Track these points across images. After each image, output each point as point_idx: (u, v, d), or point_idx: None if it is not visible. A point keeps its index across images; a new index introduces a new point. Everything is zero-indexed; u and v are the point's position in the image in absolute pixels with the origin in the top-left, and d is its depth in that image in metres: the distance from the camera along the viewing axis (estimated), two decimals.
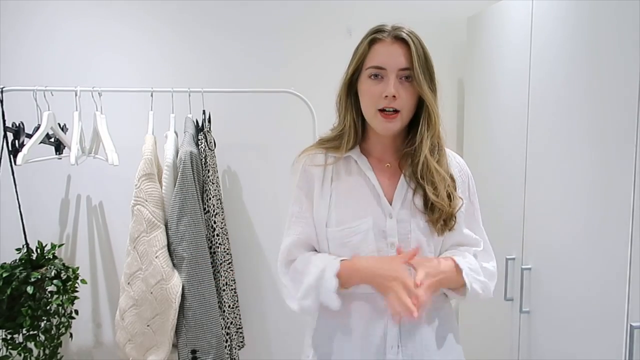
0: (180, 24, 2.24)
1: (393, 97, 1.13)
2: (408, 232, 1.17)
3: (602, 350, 1.41)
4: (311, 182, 1.24)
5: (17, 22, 2.10)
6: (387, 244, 1.17)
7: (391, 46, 1.15)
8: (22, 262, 1.90)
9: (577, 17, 1.54)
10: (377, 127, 1.18)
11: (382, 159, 1.24)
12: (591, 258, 1.47)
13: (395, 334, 1.16)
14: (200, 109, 2.00)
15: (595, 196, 1.45)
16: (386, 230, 1.17)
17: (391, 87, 1.12)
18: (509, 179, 1.92)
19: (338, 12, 2.30)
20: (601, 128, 1.43)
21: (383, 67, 1.14)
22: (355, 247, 1.17)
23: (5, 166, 1.83)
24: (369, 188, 1.20)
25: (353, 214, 1.18)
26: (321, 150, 1.26)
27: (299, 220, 1.24)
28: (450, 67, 2.46)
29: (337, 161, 1.23)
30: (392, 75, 1.14)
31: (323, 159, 1.25)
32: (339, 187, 1.22)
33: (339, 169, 1.23)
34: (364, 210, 1.18)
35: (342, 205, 1.20)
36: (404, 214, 1.18)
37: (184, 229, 1.81)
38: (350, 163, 1.23)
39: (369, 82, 1.16)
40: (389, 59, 1.14)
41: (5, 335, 1.86)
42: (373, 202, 1.18)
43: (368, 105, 1.17)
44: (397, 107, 1.14)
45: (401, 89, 1.14)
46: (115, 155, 1.86)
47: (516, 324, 1.87)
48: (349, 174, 1.22)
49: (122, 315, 1.88)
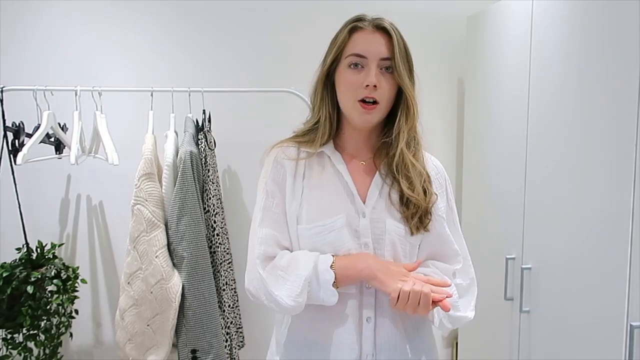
0: (180, 23, 2.23)
1: (374, 87, 1.09)
2: (382, 233, 1.12)
3: (602, 349, 1.41)
4: (283, 175, 1.17)
5: (18, 23, 2.10)
6: (360, 244, 1.12)
7: (372, 35, 1.11)
8: (22, 262, 1.90)
9: (576, 16, 1.54)
10: (355, 119, 1.13)
11: (356, 156, 1.19)
12: (591, 258, 1.47)
13: (370, 344, 1.11)
14: (200, 109, 2.00)
15: (596, 196, 1.45)
16: (359, 230, 1.12)
17: (372, 76, 1.08)
18: (509, 178, 1.92)
19: (338, 11, 2.28)
20: (601, 127, 1.43)
21: (364, 56, 1.10)
22: (328, 245, 1.11)
23: (5, 166, 1.83)
24: (342, 185, 1.14)
25: (325, 212, 1.12)
26: (294, 144, 1.20)
27: (271, 214, 1.16)
28: (450, 66, 2.45)
29: (310, 156, 1.17)
30: (372, 64, 1.09)
31: (295, 152, 1.19)
32: (311, 183, 1.15)
33: (311, 165, 1.17)
34: (337, 208, 1.12)
35: (313, 202, 1.14)
36: (378, 212, 1.13)
37: (184, 228, 1.81)
38: (323, 159, 1.18)
39: (349, 72, 1.11)
40: (370, 47, 1.10)
41: (5, 335, 1.86)
42: (346, 200, 1.13)
43: (347, 96, 1.12)
44: (377, 97, 1.10)
45: (382, 80, 1.10)
46: (115, 154, 1.86)
47: (516, 324, 1.87)
48: (322, 170, 1.17)
49: (122, 314, 1.88)
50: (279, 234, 1.15)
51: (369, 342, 1.11)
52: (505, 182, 1.94)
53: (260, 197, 1.20)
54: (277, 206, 1.16)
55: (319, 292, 1.07)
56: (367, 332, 1.11)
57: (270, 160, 1.21)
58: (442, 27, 2.40)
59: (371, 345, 1.11)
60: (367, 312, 1.12)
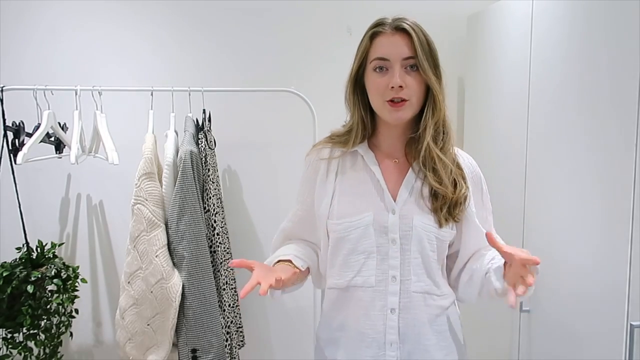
0: (180, 23, 2.23)
1: (400, 88, 1.12)
2: (410, 229, 1.16)
3: (602, 349, 1.41)
4: (315, 175, 1.26)
5: (18, 23, 2.10)
6: (388, 239, 1.17)
7: (392, 37, 1.14)
8: (22, 261, 1.90)
9: (576, 15, 1.54)
10: (386, 117, 1.17)
11: (390, 154, 1.24)
12: (591, 257, 1.47)
13: (394, 331, 1.17)
14: (201, 108, 2.00)
15: (596, 195, 1.45)
16: (388, 226, 1.17)
17: (397, 77, 1.12)
18: (509, 177, 1.92)
19: (338, 11, 2.30)
20: (601, 127, 1.43)
21: (386, 58, 1.14)
22: (355, 241, 1.18)
23: (5, 165, 1.83)
24: (373, 183, 1.20)
25: (354, 209, 1.18)
26: (329, 144, 1.27)
27: (297, 212, 1.31)
28: (450, 65, 2.42)
29: (343, 155, 1.24)
30: (396, 65, 1.13)
31: (329, 152, 1.26)
32: (343, 181, 1.22)
33: (344, 163, 1.24)
34: (366, 205, 1.18)
35: (344, 199, 1.20)
36: (407, 209, 1.17)
37: (184, 228, 1.81)
38: (356, 158, 1.24)
39: (374, 75, 1.15)
40: (391, 49, 1.13)
41: (6, 335, 1.86)
42: (376, 197, 1.18)
43: (375, 98, 1.17)
44: (404, 96, 1.13)
45: (408, 78, 1.13)
46: (116, 154, 1.86)
47: (516, 323, 1.87)
48: (354, 169, 1.23)
49: (122, 314, 1.88)
50: (299, 230, 1.31)
51: (392, 332, 1.17)
52: (505, 182, 1.94)
53: (297, 194, 1.33)
54: (304, 204, 1.29)
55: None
56: (391, 322, 1.17)
57: (307, 161, 1.31)
58: (442, 27, 2.39)
59: (395, 335, 1.17)
60: (391, 303, 1.17)
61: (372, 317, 1.18)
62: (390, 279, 1.17)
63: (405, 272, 1.17)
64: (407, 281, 1.17)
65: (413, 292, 1.17)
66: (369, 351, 1.18)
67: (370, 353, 1.18)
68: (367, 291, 1.18)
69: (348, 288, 1.20)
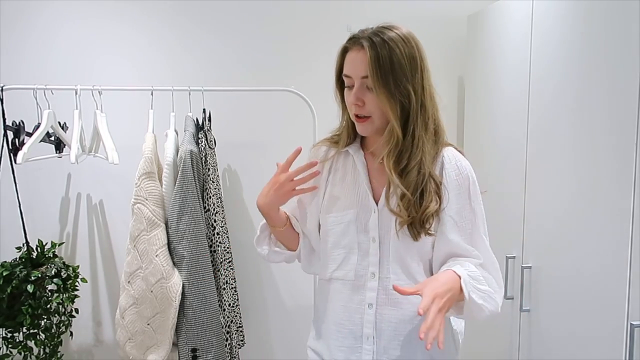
0: (180, 23, 2.23)
1: (358, 105, 1.15)
2: (389, 229, 1.18)
3: (603, 348, 1.42)
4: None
5: (18, 22, 2.10)
6: (369, 237, 1.21)
7: (357, 54, 1.14)
8: (23, 261, 1.90)
9: (577, 15, 1.54)
10: (357, 129, 1.22)
11: (377, 155, 1.23)
12: (591, 257, 1.47)
13: (371, 325, 1.19)
14: (201, 108, 2.00)
15: (596, 194, 1.45)
16: (369, 225, 1.21)
17: (352, 96, 1.15)
18: (509, 177, 1.92)
19: (338, 10, 2.30)
20: (601, 126, 1.43)
21: (349, 76, 1.16)
22: (337, 235, 1.24)
23: (5, 165, 1.83)
24: (360, 182, 1.24)
25: (340, 206, 1.24)
26: (327, 143, 1.33)
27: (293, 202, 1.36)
28: (450, 65, 2.45)
29: (337, 154, 1.29)
30: (357, 83, 1.15)
31: (325, 151, 1.32)
32: (335, 178, 1.29)
33: (337, 162, 1.30)
34: (350, 203, 1.23)
35: (333, 196, 1.27)
36: (387, 211, 1.17)
37: (184, 227, 1.81)
38: (348, 157, 1.29)
39: (345, 90, 1.20)
40: (352, 67, 1.15)
41: (6, 334, 1.87)
42: (361, 196, 1.23)
43: (348, 111, 1.21)
44: (365, 113, 1.16)
45: (367, 96, 1.14)
46: (116, 153, 1.86)
47: (516, 323, 1.87)
48: (345, 168, 1.28)
49: (122, 313, 1.88)
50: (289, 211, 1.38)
51: (369, 326, 1.20)
52: (506, 181, 1.94)
53: None
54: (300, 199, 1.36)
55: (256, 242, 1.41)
56: (368, 316, 1.20)
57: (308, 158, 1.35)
58: (442, 26, 2.40)
59: (371, 329, 1.20)
60: (369, 298, 1.20)
61: (350, 310, 1.22)
62: (370, 275, 1.20)
63: (384, 270, 1.20)
64: (386, 279, 1.19)
65: (391, 289, 1.17)
66: (345, 341, 1.22)
67: (347, 343, 1.22)
68: (347, 285, 1.23)
69: (330, 280, 1.26)
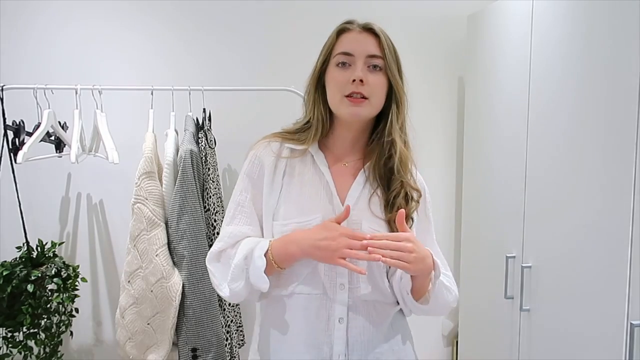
0: (180, 22, 2.23)
1: (360, 82, 1.08)
2: None
3: (602, 348, 1.42)
4: (260, 171, 1.17)
5: (18, 21, 2.10)
6: None
7: (360, 34, 1.13)
8: (23, 260, 1.90)
9: (577, 15, 1.54)
10: (343, 113, 1.12)
11: (340, 157, 1.19)
12: (591, 256, 1.47)
13: (342, 342, 1.10)
14: (201, 107, 2.00)
15: (596, 194, 1.45)
16: None
17: (358, 70, 1.09)
18: (509, 176, 1.92)
19: (338, 10, 2.30)
20: (601, 126, 1.43)
21: (350, 53, 1.11)
22: None
23: (5, 164, 1.83)
24: (322, 185, 1.14)
25: (301, 210, 1.12)
26: (279, 140, 1.20)
27: (243, 210, 1.17)
28: (450, 65, 2.45)
29: (293, 154, 1.17)
30: (359, 61, 1.10)
31: (278, 148, 1.19)
32: (291, 181, 1.15)
33: (293, 163, 1.17)
34: (314, 207, 1.12)
35: (291, 199, 1.13)
36: (356, 214, 1.11)
37: (185, 227, 1.81)
38: (306, 158, 1.17)
39: (336, 70, 1.12)
40: (356, 45, 1.11)
41: (6, 334, 1.86)
42: (324, 200, 1.13)
43: (334, 93, 1.12)
44: (364, 93, 1.09)
45: (370, 76, 1.10)
46: (116, 153, 1.86)
47: (516, 322, 1.87)
48: (304, 169, 1.16)
49: (122, 313, 1.88)
50: (249, 230, 1.16)
51: (340, 342, 1.10)
52: (506, 181, 1.95)
53: (235, 191, 1.21)
54: (249, 202, 1.17)
55: (251, 278, 1.08)
56: (339, 332, 1.10)
57: (251, 155, 1.21)
58: (442, 26, 2.40)
59: (343, 345, 1.10)
60: (339, 312, 1.10)
61: (317, 327, 1.10)
62: (339, 287, 1.10)
63: (354, 280, 1.11)
64: (356, 289, 1.11)
65: (363, 300, 1.11)
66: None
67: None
68: (313, 299, 1.10)
69: (292, 295, 1.12)
